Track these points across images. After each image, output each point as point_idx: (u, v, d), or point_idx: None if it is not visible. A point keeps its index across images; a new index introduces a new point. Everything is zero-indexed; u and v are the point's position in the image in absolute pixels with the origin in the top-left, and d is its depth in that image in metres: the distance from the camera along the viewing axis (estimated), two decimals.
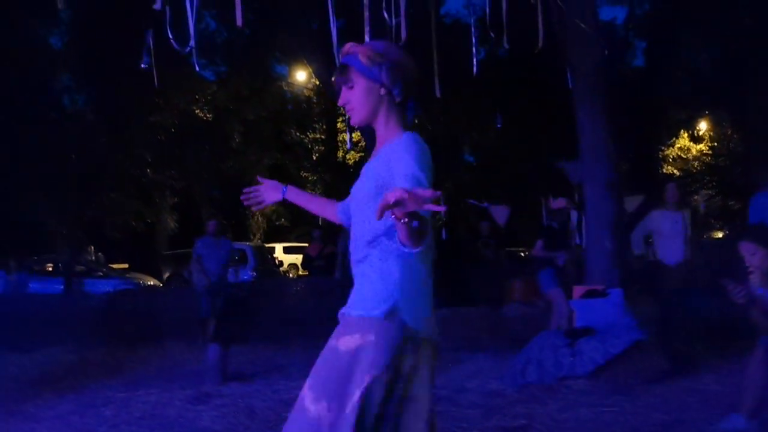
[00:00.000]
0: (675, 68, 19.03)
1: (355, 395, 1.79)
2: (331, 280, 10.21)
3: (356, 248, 2.00)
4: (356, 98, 1.99)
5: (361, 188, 2.01)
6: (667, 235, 6.24)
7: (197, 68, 4.43)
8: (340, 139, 23.99)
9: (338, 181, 25.04)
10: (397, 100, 1.98)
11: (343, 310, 1.96)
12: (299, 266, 18.70)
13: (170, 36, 4.02)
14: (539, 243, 6.48)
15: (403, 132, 1.96)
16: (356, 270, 2.00)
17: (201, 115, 21.92)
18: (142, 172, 20.79)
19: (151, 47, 4.50)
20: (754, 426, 3.53)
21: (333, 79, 2.04)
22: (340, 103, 2.03)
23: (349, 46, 2.01)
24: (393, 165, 1.86)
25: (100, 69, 14.81)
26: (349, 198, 2.16)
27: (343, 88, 2.00)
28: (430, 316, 1.91)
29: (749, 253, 3.46)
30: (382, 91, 1.97)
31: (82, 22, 15.08)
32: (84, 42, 15.24)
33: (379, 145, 2.03)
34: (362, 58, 1.96)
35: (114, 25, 13.48)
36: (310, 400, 1.89)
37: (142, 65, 4.48)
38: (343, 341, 1.89)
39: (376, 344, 1.82)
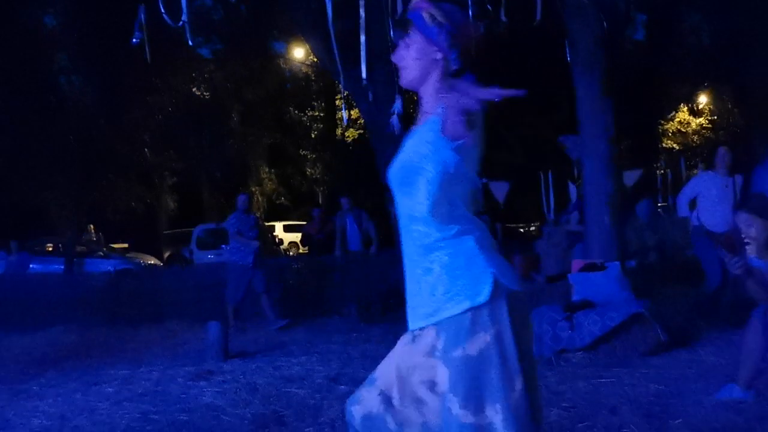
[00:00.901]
0: (675, 42, 18.89)
1: (517, 386, 1.75)
2: (331, 258, 10.23)
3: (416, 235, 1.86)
4: (410, 57, 1.87)
5: (394, 170, 1.90)
6: (715, 200, 6.01)
7: (190, 43, 4.40)
8: (339, 116, 23.90)
9: (338, 159, 25.01)
10: (453, 68, 1.86)
11: (440, 316, 1.79)
12: (299, 244, 18.75)
13: (162, 10, 3.98)
14: (574, 216, 6.16)
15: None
16: (426, 260, 1.84)
17: (199, 94, 21.81)
18: (142, 153, 20.74)
19: (143, 23, 4.46)
20: (750, 396, 3.57)
21: (391, 32, 1.95)
22: (394, 59, 1.90)
23: (415, 2, 1.88)
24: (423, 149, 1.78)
25: (96, 49, 14.70)
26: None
27: (400, 44, 1.89)
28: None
29: (746, 224, 3.47)
30: (438, 55, 1.85)
31: (76, 1, 14.94)
32: (80, 21, 15.11)
33: (421, 116, 1.90)
34: (425, 16, 1.84)
35: (110, 2, 13.35)
36: (466, 414, 1.74)
37: (134, 40, 4.45)
38: (471, 346, 1.75)
39: (499, 334, 1.75)
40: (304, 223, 16.47)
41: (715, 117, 24.20)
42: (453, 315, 1.76)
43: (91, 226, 17.50)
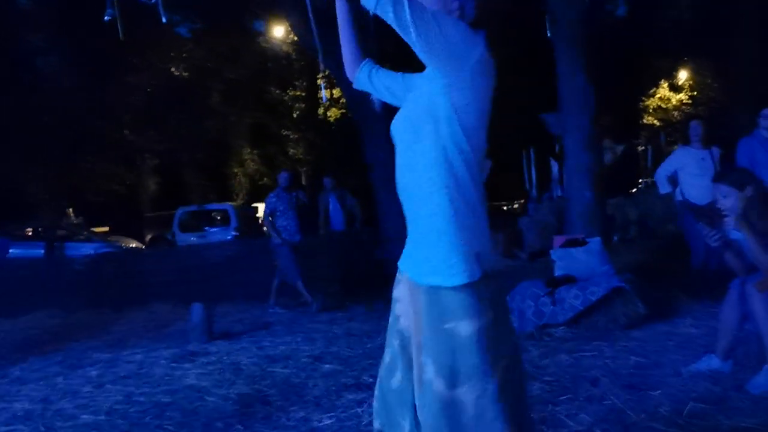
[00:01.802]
0: (655, 17, 18.91)
1: (496, 372, 1.75)
2: (314, 238, 10.21)
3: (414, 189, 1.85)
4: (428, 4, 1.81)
5: (405, 116, 1.88)
6: (695, 173, 6.01)
7: (164, 20, 4.33)
8: (320, 95, 23.75)
9: (321, 138, 24.88)
10: (468, 18, 1.85)
11: (431, 281, 1.79)
12: None
13: None
14: (556, 192, 6.09)
15: None
16: (420, 222, 1.84)
17: (178, 74, 21.54)
18: (121, 134, 20.50)
19: (116, 0, 4.38)
20: (727, 366, 3.63)
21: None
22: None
23: None
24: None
25: (73, 28, 14.45)
26: (393, 77, 2.03)
27: None
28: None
29: (723, 195, 3.49)
30: (455, 5, 1.84)
31: None
32: (54, 1, 14.83)
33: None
34: None
35: None
36: (440, 384, 1.76)
37: (106, 17, 4.37)
38: (464, 326, 1.75)
39: (484, 316, 1.75)
40: None
41: (695, 92, 24.36)
42: (446, 287, 1.76)
43: (70, 210, 17.31)
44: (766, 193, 3.51)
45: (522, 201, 17.87)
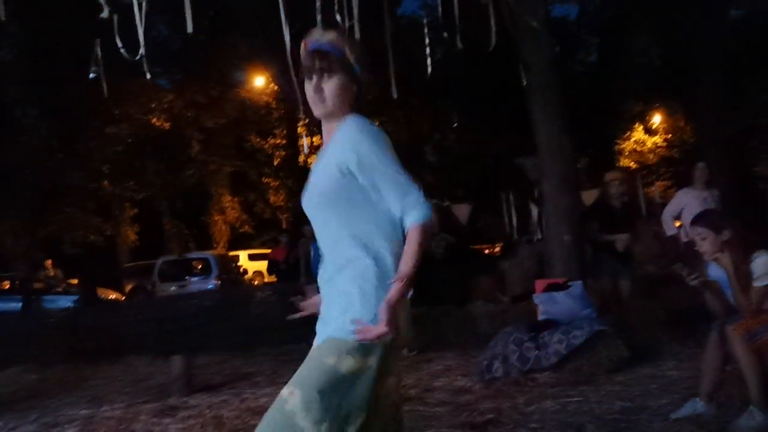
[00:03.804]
0: (626, 63, 19.45)
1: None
2: (297, 286, 10.14)
3: (327, 265, 1.97)
4: (330, 90, 1.90)
5: (318, 184, 1.95)
6: None
7: (148, 76, 4.37)
8: (301, 143, 23.91)
9: (301, 186, 24.93)
10: (361, 102, 1.95)
11: (327, 333, 1.89)
12: (265, 273, 18.58)
13: (119, 45, 3.96)
14: (592, 225, 6.05)
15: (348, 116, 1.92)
16: (329, 285, 1.95)
17: (158, 124, 21.63)
18: (100, 185, 20.42)
19: (100, 57, 4.42)
20: (712, 409, 3.63)
21: (304, 62, 1.93)
22: (309, 89, 1.91)
23: (334, 35, 1.91)
24: (355, 147, 1.84)
25: (51, 81, 14.49)
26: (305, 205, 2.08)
27: (315, 75, 1.90)
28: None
29: (700, 237, 3.55)
30: (355, 89, 1.93)
31: (31, 32, 14.74)
32: (34, 53, 14.89)
33: (325, 138, 1.99)
34: (348, 52, 1.90)
35: (64, 35, 13.21)
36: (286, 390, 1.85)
37: (91, 75, 4.41)
38: (344, 363, 1.82)
39: (379, 371, 1.83)
40: (269, 251, 16.34)
41: (669, 135, 24.91)
42: (338, 338, 1.83)
43: (48, 261, 17.10)
44: (743, 235, 3.58)
45: (502, 245, 17.96)
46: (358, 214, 1.86)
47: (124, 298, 17.46)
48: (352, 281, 1.84)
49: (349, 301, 1.84)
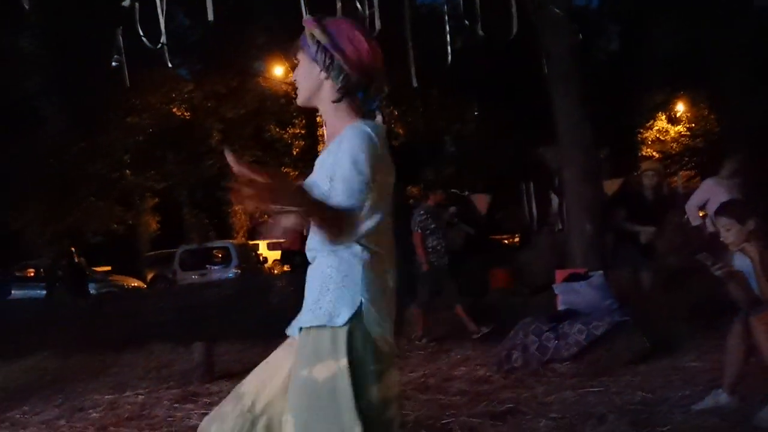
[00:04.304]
0: (650, 50, 19.17)
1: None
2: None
3: (310, 246, 1.80)
4: (299, 76, 1.85)
5: (314, 183, 1.81)
6: None
7: (169, 65, 4.40)
8: (320, 133, 23.93)
9: None
10: (338, 86, 1.77)
11: (300, 323, 1.74)
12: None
13: (141, 33, 3.98)
14: (619, 213, 5.86)
15: (351, 122, 1.75)
16: (310, 272, 1.79)
17: (178, 114, 21.78)
18: (121, 174, 20.65)
19: (121, 46, 4.46)
20: (734, 401, 3.59)
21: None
22: (292, 77, 1.88)
23: (304, 19, 1.82)
24: (337, 161, 1.70)
25: (73, 71, 14.64)
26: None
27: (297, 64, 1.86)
28: (390, 320, 1.74)
29: (725, 227, 3.51)
30: (322, 74, 1.78)
31: (52, 23, 14.88)
32: (55, 44, 15.04)
33: (328, 135, 1.86)
34: (307, 34, 1.80)
35: (85, 25, 13.32)
36: None
37: (113, 63, 4.45)
38: (318, 370, 1.66)
39: (353, 367, 1.63)
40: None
41: (693, 124, 24.56)
42: (311, 326, 1.69)
43: (73, 249, 17.33)
44: None
45: (522, 235, 17.89)
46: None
47: (145, 286, 17.67)
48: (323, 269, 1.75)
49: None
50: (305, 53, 1.82)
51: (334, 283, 1.70)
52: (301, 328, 1.75)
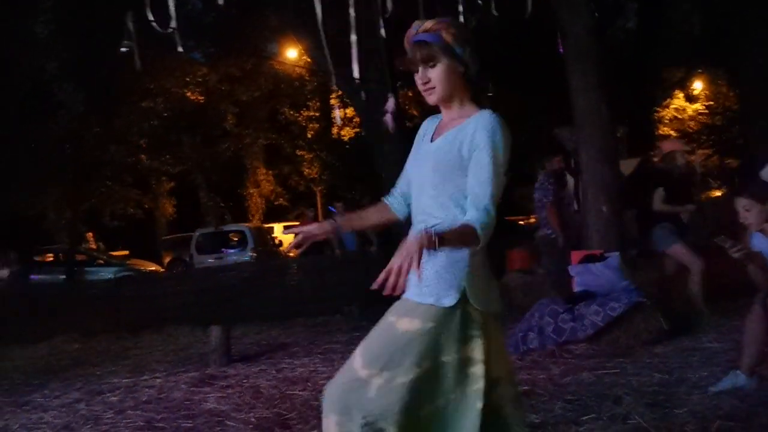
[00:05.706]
0: (667, 28, 18.86)
1: (406, 377, 1.89)
2: (330, 258, 10.23)
3: (423, 223, 1.98)
4: (437, 77, 1.99)
5: (438, 159, 2.00)
6: None
7: (180, 49, 4.39)
8: (334, 115, 23.87)
9: (335, 157, 24.98)
10: (473, 78, 2.01)
11: (407, 294, 1.95)
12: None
13: (151, 18, 3.96)
14: (659, 193, 5.72)
15: (479, 108, 2.01)
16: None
17: (193, 98, 21.79)
18: (137, 158, 20.75)
19: (132, 31, 4.44)
20: (753, 382, 3.56)
21: (408, 56, 2.01)
22: (418, 81, 2.01)
23: (430, 24, 1.99)
24: (475, 142, 1.93)
25: (87, 56, 14.66)
26: (404, 179, 2.20)
27: (422, 67, 1.99)
28: (493, 291, 2.02)
29: (745, 208, 3.46)
30: (462, 69, 1.99)
31: (68, 8, 14.89)
32: (70, 29, 15.06)
33: (446, 120, 2.06)
34: (446, 36, 1.96)
35: (100, 9, 13.31)
36: (360, 365, 1.96)
37: (122, 49, 4.44)
38: (403, 323, 1.94)
39: (433, 334, 1.90)
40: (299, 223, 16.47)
41: (711, 102, 24.18)
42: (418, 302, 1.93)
43: (90, 234, 17.53)
44: None
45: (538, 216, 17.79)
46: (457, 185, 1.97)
47: (163, 270, 17.82)
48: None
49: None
50: (442, 55, 1.97)
51: (441, 264, 1.92)
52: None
